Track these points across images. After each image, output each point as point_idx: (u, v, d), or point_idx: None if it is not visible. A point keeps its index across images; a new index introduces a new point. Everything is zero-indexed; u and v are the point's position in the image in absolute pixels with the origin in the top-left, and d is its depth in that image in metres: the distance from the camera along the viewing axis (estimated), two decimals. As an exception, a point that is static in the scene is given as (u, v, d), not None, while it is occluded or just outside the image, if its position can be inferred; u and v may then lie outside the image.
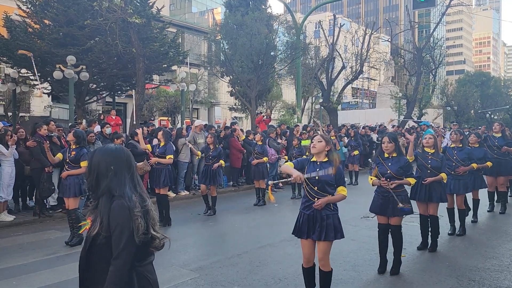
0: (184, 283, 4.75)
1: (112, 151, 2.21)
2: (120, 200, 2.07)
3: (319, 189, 3.84)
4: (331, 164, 3.87)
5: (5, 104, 19.69)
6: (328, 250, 3.87)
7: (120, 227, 2.03)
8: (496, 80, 41.55)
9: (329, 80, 20.22)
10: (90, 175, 2.17)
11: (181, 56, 17.90)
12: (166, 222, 7.59)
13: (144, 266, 2.18)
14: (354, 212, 8.15)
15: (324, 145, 3.92)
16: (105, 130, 9.86)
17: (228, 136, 12.01)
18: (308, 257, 3.96)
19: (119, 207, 2.06)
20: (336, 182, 3.87)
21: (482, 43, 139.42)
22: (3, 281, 4.86)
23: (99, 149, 2.26)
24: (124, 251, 2.02)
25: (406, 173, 4.92)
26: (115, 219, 2.04)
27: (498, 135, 8.45)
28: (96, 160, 2.18)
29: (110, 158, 2.17)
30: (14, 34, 14.71)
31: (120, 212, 2.04)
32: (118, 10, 11.77)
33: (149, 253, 2.22)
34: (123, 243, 2.02)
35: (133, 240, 2.04)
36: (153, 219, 2.18)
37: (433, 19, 41.02)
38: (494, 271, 5.06)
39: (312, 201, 3.86)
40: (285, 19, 21.95)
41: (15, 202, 8.48)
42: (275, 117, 29.47)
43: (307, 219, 3.88)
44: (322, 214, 3.83)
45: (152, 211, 2.20)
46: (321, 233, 3.80)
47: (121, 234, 2.03)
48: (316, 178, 3.84)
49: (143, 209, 2.14)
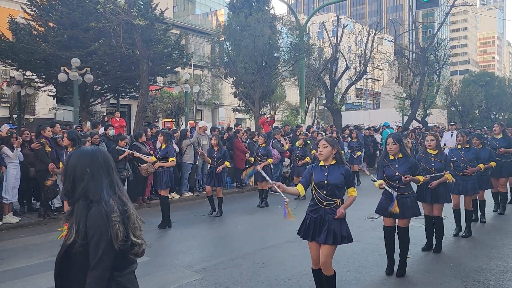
0: (188, 284, 4.76)
1: (88, 153, 2.11)
2: (97, 206, 1.97)
3: (328, 194, 3.82)
4: (339, 167, 3.87)
5: (10, 106, 19.82)
6: (330, 254, 3.83)
7: (98, 235, 1.92)
8: (501, 80, 41.27)
9: (333, 81, 20.18)
10: (66, 179, 2.07)
11: (184, 57, 17.95)
12: (166, 224, 7.54)
13: (124, 276, 2.05)
14: (359, 213, 8.13)
15: (330, 150, 3.90)
16: (109, 132, 9.90)
17: (232, 137, 12.03)
18: (316, 259, 3.95)
19: (97, 214, 1.95)
20: (346, 183, 3.86)
21: (487, 43, 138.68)
22: (8, 282, 4.89)
23: (75, 152, 2.15)
24: (102, 261, 1.91)
25: (414, 173, 4.88)
26: (93, 227, 1.93)
27: (499, 137, 8.31)
28: (72, 164, 2.08)
29: (87, 161, 2.07)
30: (19, 37, 14.81)
31: (98, 220, 1.93)
32: (122, 13, 11.83)
33: (130, 261, 2.10)
34: (100, 253, 1.91)
35: (111, 249, 1.93)
36: (134, 224, 2.06)
37: (437, 19, 40.89)
38: (499, 272, 5.03)
39: (319, 206, 3.85)
40: (289, 20, 21.96)
41: (20, 204, 8.53)
42: (278, 118, 29.47)
43: (313, 222, 3.87)
44: (329, 218, 3.80)
45: (134, 216, 2.08)
46: (327, 237, 3.78)
47: (99, 243, 1.91)
48: (324, 182, 3.83)
49: (124, 214, 2.03)
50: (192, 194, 10.87)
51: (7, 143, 7.71)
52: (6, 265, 5.52)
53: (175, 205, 9.84)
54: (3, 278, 5.04)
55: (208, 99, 30.75)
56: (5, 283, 4.87)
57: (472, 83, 35.55)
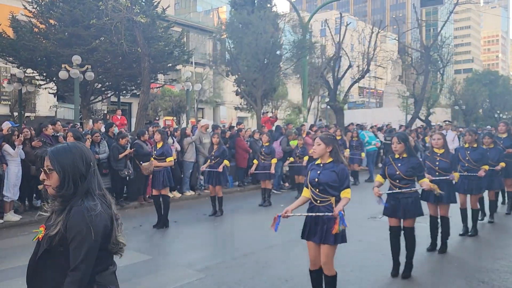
0: (190, 283, 4.72)
1: (66, 150, 1.97)
2: (79, 207, 1.87)
3: (320, 192, 3.78)
4: (335, 165, 3.79)
5: (11, 104, 19.81)
6: (331, 254, 3.77)
7: (80, 236, 1.83)
8: (505, 79, 41.09)
9: (336, 79, 20.09)
10: (64, 179, 1.94)
11: (186, 55, 17.89)
12: (164, 224, 7.40)
13: (105, 277, 1.99)
14: (362, 213, 8.05)
15: (324, 148, 3.83)
16: (113, 130, 9.89)
17: (234, 135, 11.97)
18: (313, 260, 3.90)
19: (78, 214, 1.85)
20: (339, 183, 3.76)
21: (491, 41, 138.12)
22: (9, 280, 4.86)
23: (51, 152, 1.97)
24: (84, 262, 1.83)
25: (416, 173, 4.78)
26: (74, 228, 1.84)
27: (504, 136, 8.15)
28: (58, 162, 1.95)
29: (68, 159, 1.93)
30: (20, 34, 14.78)
31: (79, 220, 1.84)
32: (124, 10, 11.77)
33: (111, 262, 2.04)
34: (83, 254, 1.83)
35: (94, 251, 1.87)
36: (118, 224, 2.01)
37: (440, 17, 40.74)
38: (503, 272, 4.98)
39: (314, 204, 3.82)
40: (291, 17, 21.85)
41: (21, 202, 8.50)
42: (281, 116, 29.37)
43: (310, 221, 3.86)
44: (324, 218, 3.75)
45: (118, 215, 2.03)
46: (322, 236, 3.74)
47: (81, 244, 1.83)
48: (316, 180, 3.77)
49: (111, 214, 1.97)
50: (194, 192, 10.82)
51: (8, 141, 7.67)
52: (7, 263, 5.49)
53: (177, 204, 9.80)
54: (3, 276, 5.01)
55: (209, 97, 30.70)
56: (6, 281, 4.84)
57: (476, 82, 35.41)
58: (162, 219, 7.44)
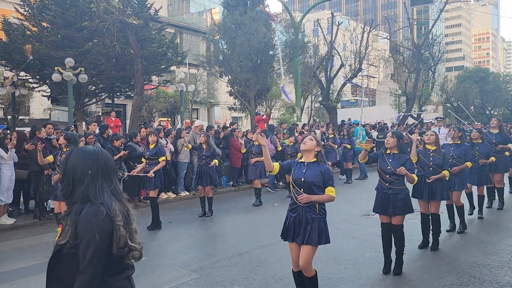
0: (185, 283, 4.75)
1: (89, 153, 1.99)
2: (90, 208, 1.86)
3: (305, 191, 3.74)
4: (319, 165, 3.82)
5: (5, 107, 19.71)
6: (310, 255, 3.73)
7: (86, 238, 1.81)
8: (495, 76, 41.50)
9: (328, 79, 20.20)
10: (65, 180, 1.96)
11: (179, 56, 17.90)
12: (156, 226, 7.41)
13: (118, 281, 1.94)
14: (355, 210, 8.14)
15: (314, 144, 3.86)
16: (108, 132, 9.89)
17: (228, 136, 12.00)
18: (296, 261, 3.84)
19: (87, 215, 1.84)
20: (324, 183, 3.76)
21: (481, 39, 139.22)
22: (4, 284, 4.86)
23: (75, 152, 2.02)
24: (91, 265, 1.81)
25: (407, 169, 4.84)
26: (82, 229, 1.83)
27: (495, 131, 8.30)
28: (72, 163, 1.96)
29: (88, 162, 1.95)
30: (12, 37, 14.71)
31: (88, 221, 1.83)
32: (116, 12, 11.77)
33: (126, 266, 1.98)
34: (88, 256, 1.81)
35: (101, 254, 1.83)
36: (132, 228, 1.97)
37: (431, 16, 40.92)
38: (494, 267, 5.06)
39: (298, 204, 3.77)
40: (284, 17, 21.91)
41: (15, 205, 8.48)
42: (274, 116, 29.44)
43: (293, 222, 3.80)
44: (307, 218, 3.73)
45: (135, 219, 2.01)
46: (304, 237, 3.70)
47: (87, 246, 1.81)
48: (302, 179, 3.77)
49: (126, 218, 1.94)
50: (188, 193, 10.85)
51: (1, 144, 7.65)
52: (1, 267, 5.49)
53: (171, 205, 9.83)
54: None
55: (203, 98, 30.71)
56: (0, 285, 4.84)
57: (467, 79, 35.74)
58: (153, 221, 7.43)
